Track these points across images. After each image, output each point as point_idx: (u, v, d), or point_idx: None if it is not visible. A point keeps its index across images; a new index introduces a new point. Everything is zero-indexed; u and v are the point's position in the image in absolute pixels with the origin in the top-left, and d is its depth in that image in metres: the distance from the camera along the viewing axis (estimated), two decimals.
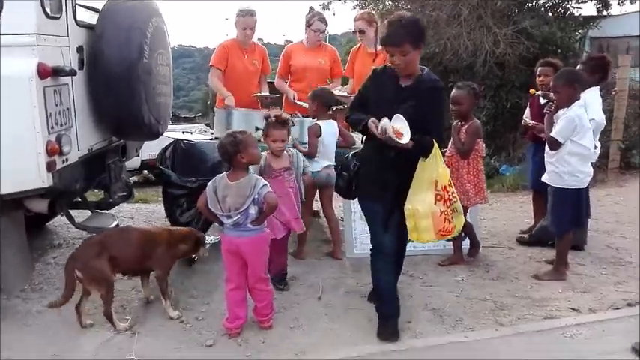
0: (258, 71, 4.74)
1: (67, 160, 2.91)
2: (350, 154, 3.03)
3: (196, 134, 4.51)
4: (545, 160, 3.60)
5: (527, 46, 7.50)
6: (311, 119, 4.00)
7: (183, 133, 4.34)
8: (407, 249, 4.06)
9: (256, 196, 2.72)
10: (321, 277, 3.63)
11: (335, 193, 3.48)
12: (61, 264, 3.81)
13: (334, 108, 4.36)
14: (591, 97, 3.76)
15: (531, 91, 4.35)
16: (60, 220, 4.41)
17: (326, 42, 5.21)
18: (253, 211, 2.75)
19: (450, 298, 3.34)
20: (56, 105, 2.80)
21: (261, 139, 3.41)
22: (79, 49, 3.13)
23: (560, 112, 3.53)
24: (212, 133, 4.60)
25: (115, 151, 3.68)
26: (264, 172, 3.22)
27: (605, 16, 9.91)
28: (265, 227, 2.87)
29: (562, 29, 8.20)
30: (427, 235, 2.80)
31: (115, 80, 3.13)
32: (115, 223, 3.30)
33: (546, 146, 3.60)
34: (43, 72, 2.65)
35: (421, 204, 2.73)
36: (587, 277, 3.67)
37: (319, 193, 4.04)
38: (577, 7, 8.40)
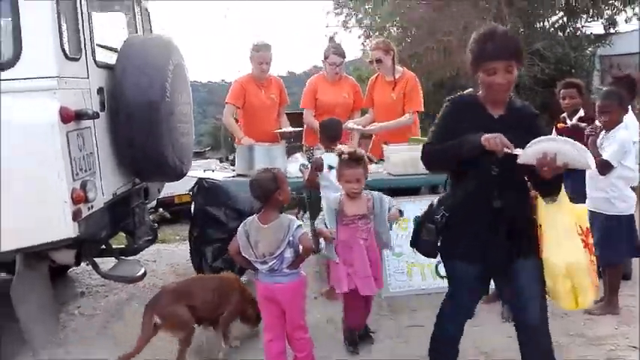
0: (277, 105, 4.63)
1: (92, 207, 2.75)
2: (435, 201, 2.42)
3: (218, 172, 4.35)
4: (590, 186, 3.39)
5: (541, 68, 7.39)
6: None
7: (204, 171, 4.19)
8: (443, 283, 3.90)
9: (291, 239, 2.54)
10: None
11: None
12: (85, 314, 3.64)
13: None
14: (631, 118, 3.60)
15: (559, 125, 4.17)
16: (81, 267, 4.24)
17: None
18: (289, 254, 2.57)
19: (500, 341, 3.11)
20: (79, 150, 2.65)
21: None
22: (100, 91, 3.01)
23: (602, 134, 3.37)
24: (233, 170, 4.45)
25: (138, 194, 3.53)
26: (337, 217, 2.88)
27: (613, 33, 9.85)
28: (301, 271, 2.68)
29: (575, 48, 8.12)
30: (589, 297, 2.21)
31: (138, 122, 2.99)
32: (143, 270, 3.12)
33: (588, 172, 3.41)
34: (66, 116, 2.51)
35: (575, 254, 2.15)
36: None
37: None
38: (587, 26, 8.33)
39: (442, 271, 3.89)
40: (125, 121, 2.99)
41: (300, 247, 2.55)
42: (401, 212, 3.00)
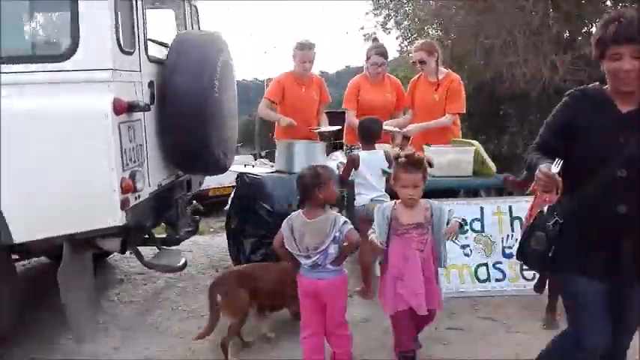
0: (317, 103, 4.66)
1: (139, 196, 2.81)
2: (545, 208, 2.15)
3: (257, 167, 4.39)
4: None
5: (588, 73, 7.20)
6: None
7: (245, 166, 4.23)
8: (483, 287, 3.85)
9: (337, 234, 2.54)
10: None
11: None
12: (124, 301, 3.72)
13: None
14: None
15: None
16: (120, 255, 4.35)
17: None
18: (333, 250, 2.57)
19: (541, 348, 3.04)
20: (130, 141, 2.71)
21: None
22: (150, 84, 3.07)
23: None
24: (272, 166, 4.49)
25: (180, 186, 3.59)
26: (391, 225, 2.70)
27: None
28: (344, 268, 2.68)
29: None
30: None
31: (187, 115, 3.05)
32: (184, 260, 3.18)
33: None
34: (119, 108, 2.57)
35: None
36: None
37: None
38: None
39: (482, 275, 3.89)
40: (174, 114, 3.04)
41: (345, 243, 2.55)
42: (462, 224, 2.76)
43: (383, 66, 4.63)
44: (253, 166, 4.32)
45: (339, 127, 4.60)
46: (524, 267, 3.88)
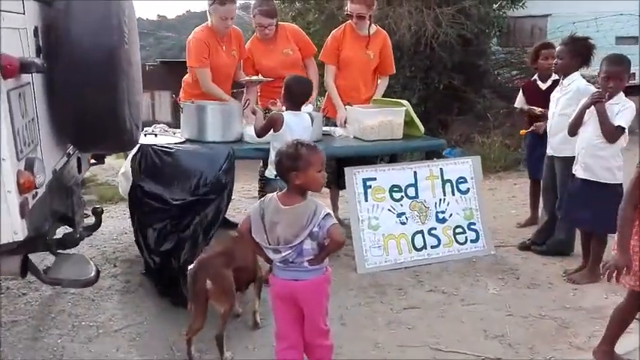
0: (237, 62, 3.97)
1: (36, 194, 2.01)
2: None
3: (161, 135, 3.61)
4: (588, 153, 3.25)
5: (468, 26, 7.34)
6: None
7: (145, 135, 3.43)
8: (419, 256, 3.68)
9: (316, 229, 2.06)
10: (347, 305, 3.06)
11: None
12: (3, 323, 2.82)
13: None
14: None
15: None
16: None
17: None
18: (309, 246, 2.09)
19: (504, 319, 2.94)
20: (22, 117, 1.88)
21: None
22: (35, 32, 2.18)
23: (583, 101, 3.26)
24: (174, 134, 3.75)
25: (72, 168, 2.75)
26: None
27: None
28: (327, 265, 2.22)
29: (492, 8, 8.20)
30: None
31: (92, 75, 2.24)
32: (94, 269, 2.42)
33: (582, 137, 3.28)
34: (9, 69, 1.73)
35: None
36: None
37: None
38: None
39: (418, 243, 3.70)
40: (73, 73, 2.20)
41: (328, 240, 2.09)
42: None
43: (270, 27, 4.03)
44: (156, 136, 3.54)
45: (271, 79, 3.95)
46: (457, 230, 3.80)
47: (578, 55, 3.56)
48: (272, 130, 3.20)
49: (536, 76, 4.19)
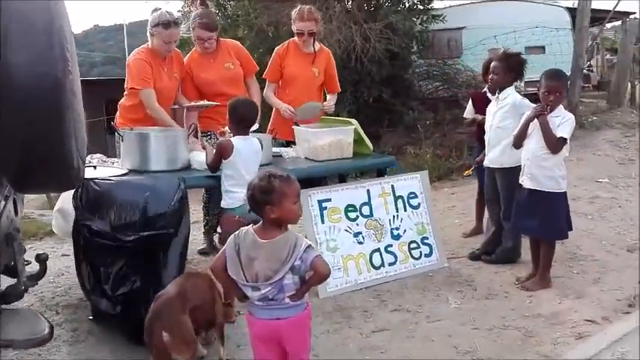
0: (178, 84, 3.78)
1: None
2: None
3: (101, 167, 3.34)
4: (534, 164, 3.38)
5: (395, 41, 7.53)
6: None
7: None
8: (378, 275, 3.65)
9: (297, 262, 1.97)
10: (315, 333, 2.96)
11: None
12: None
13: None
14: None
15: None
16: None
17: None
18: (290, 280, 2.00)
19: (471, 333, 2.98)
20: None
21: None
22: None
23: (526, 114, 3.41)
24: (113, 164, 3.50)
25: (10, 212, 2.46)
26: None
27: (430, 9, 10.49)
28: (307, 300, 2.12)
29: (415, 23, 8.47)
30: None
31: (35, 108, 2.00)
32: (47, 325, 2.16)
33: (527, 149, 3.41)
34: None
35: None
36: (564, 279, 3.63)
37: None
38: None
39: (376, 261, 3.68)
40: (11, 107, 1.96)
41: (309, 272, 1.99)
42: None
43: (210, 40, 3.92)
44: (95, 168, 3.27)
45: (217, 103, 3.78)
46: (412, 246, 3.82)
47: (511, 70, 3.72)
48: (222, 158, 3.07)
49: (486, 88, 4.32)
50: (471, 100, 4.44)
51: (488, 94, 4.21)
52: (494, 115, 3.81)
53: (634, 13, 16.38)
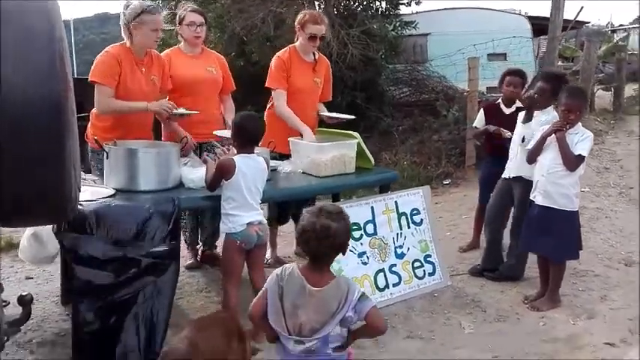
0: (157, 90, 3.44)
1: None
2: None
3: (84, 187, 2.98)
4: (547, 181, 3.27)
5: (373, 47, 7.39)
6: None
7: None
8: (382, 297, 3.47)
9: (349, 314, 1.75)
10: None
11: None
12: None
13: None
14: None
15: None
16: None
17: None
18: (337, 332, 1.78)
19: None
20: None
21: None
22: None
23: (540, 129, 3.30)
24: (94, 182, 3.18)
25: None
26: None
27: (400, 15, 10.47)
28: (350, 348, 1.90)
29: (388, 29, 8.38)
30: None
31: (30, 134, 1.70)
32: None
33: (542, 165, 3.30)
34: None
35: None
36: (570, 297, 3.55)
37: (247, 258, 2.93)
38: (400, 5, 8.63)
39: (381, 282, 3.50)
40: (10, 135, 1.65)
41: (366, 325, 1.78)
42: None
43: (202, 27, 3.69)
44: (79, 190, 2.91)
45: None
46: (415, 265, 3.66)
47: (556, 93, 3.41)
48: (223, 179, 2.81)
49: (500, 100, 4.19)
50: (483, 110, 4.28)
51: (502, 107, 4.08)
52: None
53: (588, 22, 17.04)
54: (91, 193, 2.85)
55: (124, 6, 3.32)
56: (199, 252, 4.15)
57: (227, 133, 3.26)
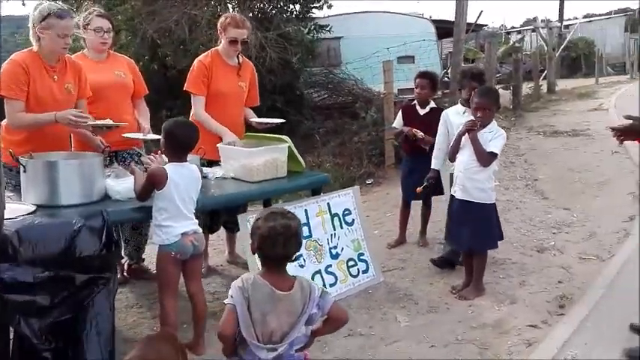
0: (73, 100, 3.23)
1: None
2: None
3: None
4: (464, 176, 3.47)
5: (291, 50, 7.45)
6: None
7: None
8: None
9: (314, 311, 1.77)
10: None
11: None
12: None
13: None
14: None
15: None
16: None
17: None
18: (302, 332, 1.81)
19: (431, 353, 2.97)
20: None
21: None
22: None
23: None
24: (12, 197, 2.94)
25: None
26: None
27: (315, 18, 10.64)
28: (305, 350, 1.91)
29: (304, 33, 8.49)
30: None
31: None
32: None
33: (460, 162, 3.50)
34: None
35: None
36: (493, 284, 3.79)
37: (183, 269, 2.85)
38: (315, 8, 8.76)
39: (318, 283, 3.52)
40: None
41: (327, 320, 1.81)
42: None
43: (109, 32, 3.55)
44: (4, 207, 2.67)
45: (125, 124, 3.32)
46: (350, 264, 3.74)
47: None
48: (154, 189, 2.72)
49: (415, 101, 4.36)
50: (401, 111, 4.47)
51: (417, 107, 4.28)
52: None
53: (486, 25, 18.23)
54: (10, 210, 2.63)
55: (33, 7, 3.11)
56: (125, 266, 3.98)
57: (138, 135, 3.20)
